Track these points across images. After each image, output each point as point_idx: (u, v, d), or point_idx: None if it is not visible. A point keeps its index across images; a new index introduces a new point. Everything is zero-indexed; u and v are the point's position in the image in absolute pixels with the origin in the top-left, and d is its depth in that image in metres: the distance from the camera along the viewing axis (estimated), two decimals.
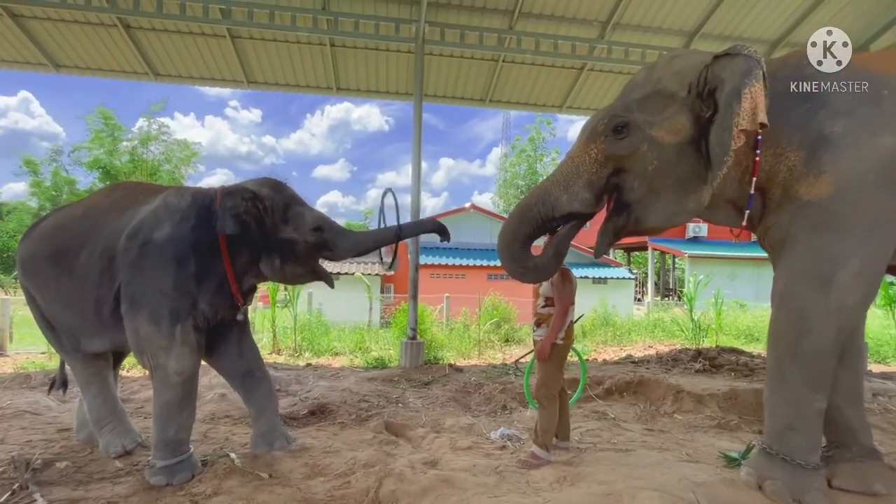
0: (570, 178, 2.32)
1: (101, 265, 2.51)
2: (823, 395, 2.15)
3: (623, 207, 2.31)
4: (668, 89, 2.18)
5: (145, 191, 2.77)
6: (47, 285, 2.65)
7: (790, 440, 2.17)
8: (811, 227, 2.07)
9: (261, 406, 2.87)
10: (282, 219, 2.62)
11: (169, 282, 2.42)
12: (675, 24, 7.02)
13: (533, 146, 33.91)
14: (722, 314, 9.00)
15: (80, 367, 2.85)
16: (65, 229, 2.62)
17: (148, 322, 2.41)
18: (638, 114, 2.20)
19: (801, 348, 2.10)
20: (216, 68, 7.31)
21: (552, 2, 6.56)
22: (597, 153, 2.28)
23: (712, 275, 12.15)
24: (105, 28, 6.53)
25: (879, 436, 3.44)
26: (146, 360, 2.48)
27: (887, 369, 6.52)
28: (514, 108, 8.85)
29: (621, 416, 4.07)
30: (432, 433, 3.44)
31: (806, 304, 2.08)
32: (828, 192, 2.02)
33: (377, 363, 6.37)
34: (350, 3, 6.37)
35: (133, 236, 2.47)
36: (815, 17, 6.85)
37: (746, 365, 5.88)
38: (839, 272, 2.01)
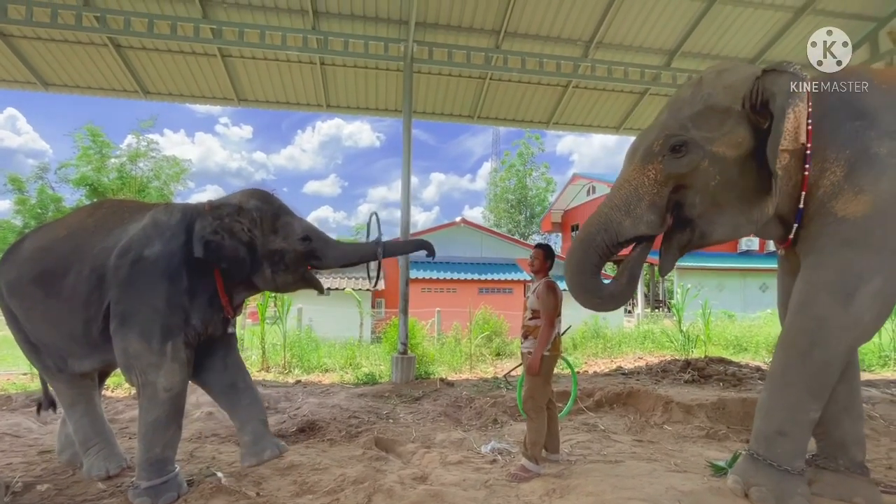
0: (631, 201, 2.28)
1: (89, 285, 2.48)
2: (820, 406, 2.19)
3: (686, 223, 2.31)
4: (721, 104, 2.19)
5: (130, 209, 2.76)
6: (34, 307, 2.60)
7: (778, 445, 2.21)
8: (842, 241, 2.11)
9: (245, 416, 2.78)
10: (271, 229, 2.63)
11: (161, 298, 2.41)
12: (656, 42, 7.26)
13: (522, 161, 34.36)
14: (710, 325, 9.10)
15: (64, 388, 2.80)
16: (50, 251, 2.58)
17: (138, 339, 2.39)
18: (694, 131, 2.19)
19: (811, 357, 2.13)
20: (207, 86, 7.37)
21: (537, 22, 6.76)
22: (655, 174, 2.26)
23: (700, 286, 12.32)
24: (95, 47, 6.57)
25: None
26: (134, 378, 2.45)
27: (871, 377, 6.63)
28: (501, 125, 9.03)
29: (611, 427, 4.08)
30: (423, 448, 3.42)
31: (825, 314, 2.11)
32: (864, 210, 2.07)
33: (368, 379, 6.32)
34: (340, 23, 6.50)
35: (123, 254, 2.45)
36: (788, 37, 7.14)
37: (734, 375, 5.95)
38: (862, 288, 2.05)
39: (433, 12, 6.47)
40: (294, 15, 6.37)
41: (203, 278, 2.54)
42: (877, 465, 3.09)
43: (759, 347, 9.05)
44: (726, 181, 2.19)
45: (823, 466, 2.44)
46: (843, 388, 2.38)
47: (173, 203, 2.78)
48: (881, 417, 4.23)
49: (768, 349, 8.83)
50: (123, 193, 25.23)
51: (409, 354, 6.23)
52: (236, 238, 2.54)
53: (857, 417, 2.48)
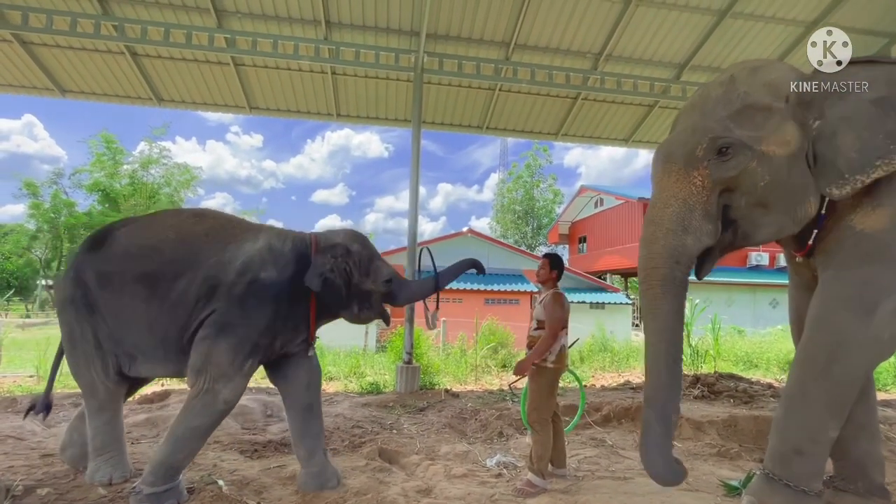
0: (685, 216, 2.13)
1: (199, 293, 2.54)
2: (839, 424, 2.12)
3: (727, 224, 2.22)
4: (761, 102, 2.11)
5: (240, 225, 2.87)
6: (131, 305, 2.57)
7: (795, 465, 2.13)
8: (861, 255, 2.07)
9: (312, 446, 2.82)
10: (366, 272, 2.83)
11: (264, 320, 2.56)
12: (666, 56, 7.27)
13: (530, 172, 34.42)
14: (719, 340, 8.95)
15: (103, 392, 2.71)
16: (161, 252, 2.60)
17: (228, 350, 2.47)
18: (739, 131, 2.09)
19: (831, 373, 2.07)
20: (219, 94, 7.48)
21: (547, 34, 6.80)
22: (702, 180, 2.13)
23: (709, 300, 12.14)
24: (112, 55, 6.71)
25: None
26: (201, 382, 2.46)
27: (887, 396, 6.45)
28: (510, 136, 9.05)
29: (619, 443, 3.99)
30: (427, 460, 3.37)
31: (844, 330, 2.06)
32: (883, 224, 2.04)
33: (372, 388, 6.26)
34: (351, 33, 6.59)
35: (243, 273, 2.58)
36: (799, 51, 7.10)
37: (745, 391, 5.82)
38: (882, 304, 2.01)
39: (444, 24, 6.54)
40: (307, 25, 6.47)
41: (297, 306, 2.69)
42: (894, 488, 2.98)
43: (771, 364, 8.87)
44: (775, 181, 2.10)
45: (842, 489, 2.36)
46: (860, 406, 2.31)
47: (284, 230, 2.89)
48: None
49: (780, 366, 8.65)
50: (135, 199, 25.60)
51: (413, 364, 6.17)
52: (342, 277, 2.74)
53: (875, 437, 2.40)
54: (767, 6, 6.55)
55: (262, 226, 2.92)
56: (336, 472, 2.86)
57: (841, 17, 6.63)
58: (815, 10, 6.59)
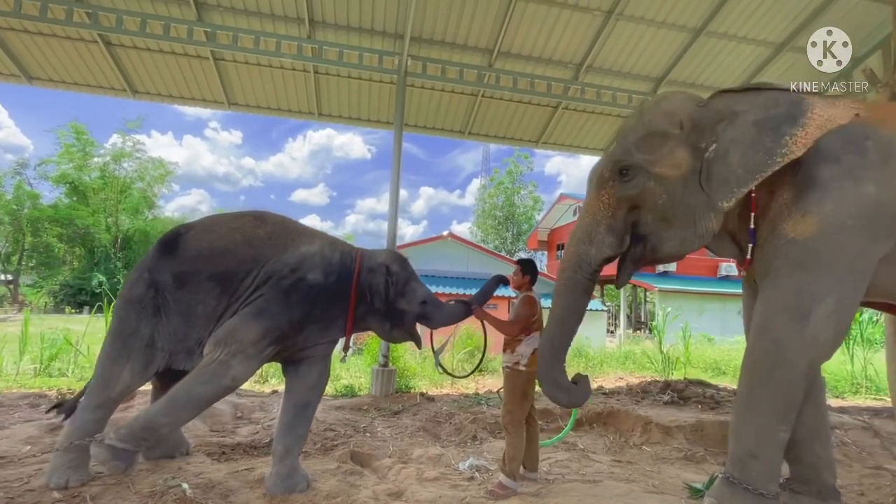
0: (592, 229, 2.48)
1: (257, 285, 2.75)
2: (788, 427, 2.21)
3: (639, 239, 2.48)
4: (660, 128, 2.38)
5: (296, 230, 3.07)
6: (203, 301, 2.75)
7: (752, 468, 2.21)
8: (794, 262, 2.17)
9: (291, 444, 2.84)
10: (401, 292, 2.97)
11: (299, 314, 2.73)
12: (644, 69, 7.48)
13: (511, 179, 34.81)
14: (690, 347, 9.20)
15: (117, 390, 2.74)
16: (232, 253, 2.82)
17: (257, 331, 2.61)
18: (638, 155, 2.37)
19: (775, 378, 2.16)
20: (197, 89, 7.32)
21: (530, 43, 6.92)
22: (608, 198, 2.45)
23: (681, 309, 12.48)
24: (84, 43, 6.49)
25: (837, 469, 3.52)
26: (217, 352, 2.56)
27: (844, 404, 6.75)
28: (492, 142, 9.12)
29: (591, 447, 4.05)
30: (399, 463, 3.35)
31: (783, 336, 2.16)
32: (811, 231, 2.14)
33: (346, 391, 6.19)
34: (335, 33, 6.55)
35: (295, 270, 2.79)
36: (769, 71, 7.42)
37: (713, 397, 5.98)
38: (816, 308, 2.10)
39: (429, 28, 6.57)
40: (290, 23, 6.40)
41: (331, 310, 2.86)
42: (849, 490, 3.12)
43: (737, 371, 9.09)
44: (672, 199, 2.35)
45: (798, 491, 2.45)
46: (810, 411, 2.42)
47: (337, 241, 3.12)
48: (853, 444, 4.29)
49: None
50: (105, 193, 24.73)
51: (389, 367, 6.13)
52: (380, 294, 2.91)
53: (826, 441, 2.52)
54: (739, 27, 6.82)
55: (317, 232, 3.14)
56: (306, 476, 2.83)
57: (807, 40, 6.95)
58: (783, 32, 6.90)
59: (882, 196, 2.11)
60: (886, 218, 2.11)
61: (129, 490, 2.60)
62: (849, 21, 6.70)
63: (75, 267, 26.80)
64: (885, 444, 4.28)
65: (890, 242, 2.13)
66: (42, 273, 25.42)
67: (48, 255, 25.55)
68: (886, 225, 2.12)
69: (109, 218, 25.91)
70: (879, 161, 2.14)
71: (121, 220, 26.30)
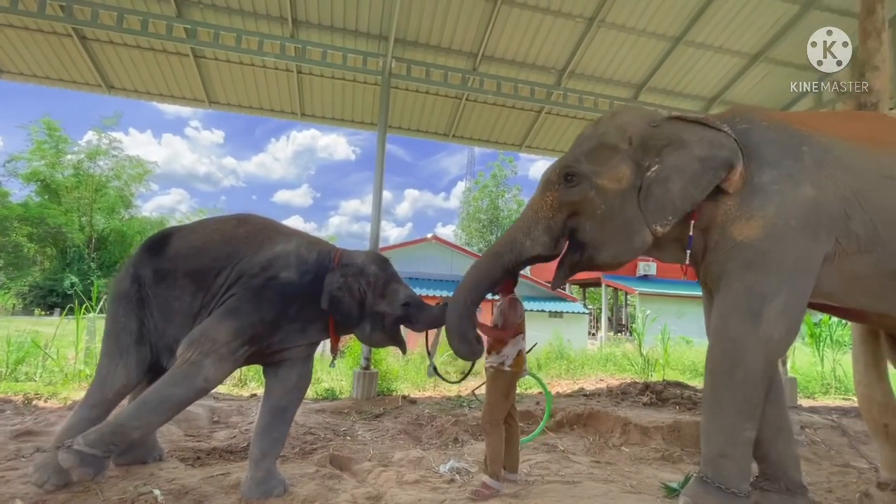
0: (531, 224, 2.56)
1: (229, 284, 2.73)
2: (753, 425, 2.27)
3: (578, 246, 2.55)
4: (610, 142, 2.46)
5: (277, 229, 3.05)
6: (181, 298, 2.76)
7: (723, 468, 2.26)
8: (743, 264, 2.25)
9: (268, 447, 2.79)
10: (381, 294, 2.91)
11: (271, 313, 2.68)
12: (625, 76, 7.63)
13: (495, 182, 35.01)
14: (669, 349, 9.38)
15: (113, 389, 2.74)
16: (208, 252, 2.82)
17: (229, 330, 2.57)
18: (585, 164, 2.46)
19: (734, 377, 2.23)
20: (176, 86, 7.16)
21: (514, 48, 6.98)
22: (552, 200, 2.53)
23: (661, 311, 12.74)
24: (57, 37, 6.29)
25: (806, 466, 3.64)
26: (189, 353, 2.52)
27: (815, 403, 6.96)
28: (476, 145, 9.17)
29: (571, 448, 4.09)
30: (379, 467, 3.32)
31: (738, 336, 2.23)
32: (757, 233, 2.22)
33: (327, 394, 6.12)
34: (319, 33, 6.50)
35: (266, 269, 2.76)
36: (744, 80, 7.66)
37: (690, 398, 6.11)
38: (766, 307, 2.18)
39: (413, 30, 6.58)
40: (273, 22, 6.33)
41: (307, 310, 2.79)
42: (818, 488, 3.22)
43: None
44: (610, 211, 2.43)
45: (767, 489, 2.52)
46: (772, 409, 2.50)
47: (315, 241, 3.08)
48: (822, 442, 4.43)
49: None
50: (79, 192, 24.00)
51: (371, 370, 6.09)
52: (353, 297, 2.82)
53: (789, 437, 2.60)
54: (716, 37, 7.02)
55: (296, 231, 3.10)
56: (283, 480, 2.78)
57: (779, 52, 7.21)
58: (757, 44, 7.13)
59: (820, 197, 2.21)
60: (826, 217, 2.21)
61: (98, 497, 2.51)
62: None
63: (46, 267, 25.89)
64: (852, 442, 4.44)
65: (831, 241, 2.22)
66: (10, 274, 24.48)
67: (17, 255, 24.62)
68: (826, 224, 2.21)
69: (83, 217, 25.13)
70: (814, 165, 2.26)
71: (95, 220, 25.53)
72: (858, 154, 2.26)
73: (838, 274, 2.26)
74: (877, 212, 2.18)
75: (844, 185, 2.22)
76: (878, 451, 3.33)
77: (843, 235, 2.21)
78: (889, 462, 3.21)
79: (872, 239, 2.19)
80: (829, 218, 2.21)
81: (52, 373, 6.22)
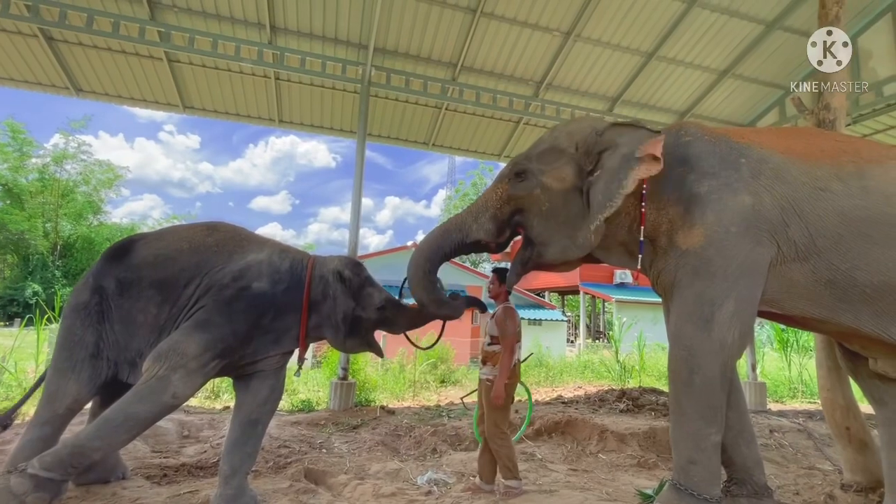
0: (481, 210, 2.74)
1: (199, 295, 2.64)
2: (718, 429, 2.32)
3: (529, 243, 2.69)
4: (560, 145, 2.63)
5: (249, 238, 2.97)
6: (146, 309, 2.65)
7: (694, 474, 2.30)
8: (691, 272, 2.33)
9: (238, 463, 2.70)
10: (355, 298, 2.87)
11: (244, 325, 2.60)
12: (601, 89, 7.82)
13: (476, 191, 35.18)
14: (644, 355, 9.55)
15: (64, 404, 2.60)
16: (175, 261, 2.71)
17: (199, 344, 2.47)
18: (535, 163, 2.64)
19: (694, 384, 2.28)
20: (149, 90, 6.99)
21: (492, 59, 7.08)
22: (501, 192, 2.71)
23: (637, 318, 12.95)
24: (22, 37, 6.07)
25: (775, 469, 3.74)
26: (156, 368, 2.41)
27: (783, 407, 7.19)
28: (455, 154, 9.22)
29: (548, 456, 4.10)
30: (355, 480, 3.25)
31: (693, 343, 2.29)
32: (700, 241, 2.31)
33: (303, 406, 5.99)
34: (298, 40, 6.46)
35: (237, 279, 2.68)
36: (714, 94, 7.96)
37: (665, 405, 6.22)
38: (717, 313, 2.25)
39: (393, 39, 6.61)
40: (250, 27, 6.26)
41: (281, 320, 2.73)
42: (785, 490, 3.31)
43: None
44: (554, 208, 2.58)
45: (735, 493, 2.58)
46: (732, 414, 2.58)
47: (287, 248, 3.00)
48: (790, 445, 4.57)
49: None
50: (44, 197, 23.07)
51: (349, 380, 5.99)
52: (328, 303, 2.80)
53: (751, 440, 2.68)
54: (686, 53, 7.28)
55: (268, 240, 3.03)
56: (254, 496, 2.70)
57: (746, 68, 7.52)
58: (725, 60, 7.42)
59: (757, 205, 2.31)
60: (765, 223, 2.30)
61: None
62: (780, 54, 7.31)
63: (7, 276, 24.69)
64: (817, 445, 4.59)
65: (773, 247, 2.31)
66: None
67: None
68: (766, 230, 2.30)
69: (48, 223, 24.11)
70: (752, 176, 2.37)
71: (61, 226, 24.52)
72: (794, 166, 2.37)
73: (779, 281, 2.34)
74: (812, 222, 2.28)
75: (781, 195, 2.32)
76: (841, 453, 3.46)
77: (784, 241, 2.30)
78: (851, 464, 3.34)
79: (808, 248, 2.28)
80: (769, 223, 2.30)
81: (10, 387, 5.88)
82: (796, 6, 6.55)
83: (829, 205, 2.27)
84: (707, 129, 2.61)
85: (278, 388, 2.94)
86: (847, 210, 2.25)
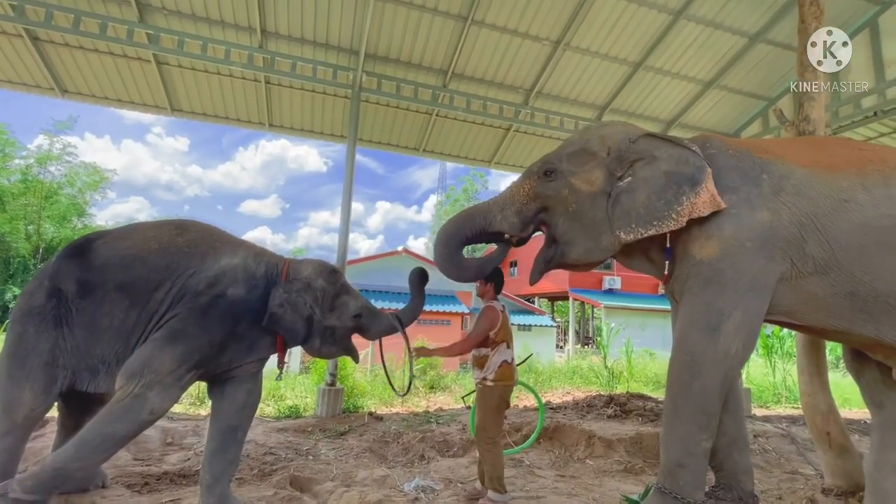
0: (507, 203, 2.75)
1: (171, 301, 2.53)
2: (710, 436, 2.35)
3: (552, 241, 2.72)
4: (591, 149, 2.65)
5: (221, 238, 2.85)
6: (111, 314, 2.51)
7: (680, 477, 2.32)
8: (703, 281, 2.36)
9: (220, 471, 2.65)
10: (330, 307, 2.84)
11: (219, 334, 2.53)
12: (589, 98, 7.93)
13: (466, 196, 35.33)
14: (633, 362, 9.61)
15: (23, 413, 2.48)
16: (143, 262, 2.58)
17: (174, 358, 2.39)
18: (566, 164, 2.66)
19: (693, 389, 2.31)
20: (137, 92, 6.92)
21: (483, 66, 7.15)
22: (529, 188, 2.72)
23: (625, 324, 13.08)
24: (7, 37, 5.98)
25: (759, 474, 3.78)
26: (131, 386, 2.32)
27: (768, 412, 7.28)
28: (446, 160, 9.25)
29: (536, 462, 4.10)
30: (342, 487, 3.22)
31: (697, 349, 2.32)
32: (715, 253, 2.35)
33: (291, 412, 5.92)
34: (288, 44, 6.46)
35: (213, 285, 2.58)
36: (699, 105, 8.12)
37: (652, 410, 6.27)
38: (724, 323, 2.28)
39: (384, 45, 6.64)
40: (241, 31, 6.25)
41: (257, 328, 2.66)
42: (769, 495, 3.35)
43: None
44: (580, 210, 2.61)
45: (721, 498, 2.60)
46: (729, 420, 2.61)
47: (263, 252, 2.91)
48: (773, 450, 4.63)
49: None
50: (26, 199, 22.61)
51: (337, 386, 5.94)
52: (298, 313, 2.71)
53: (745, 448, 2.71)
54: (673, 63, 7.43)
55: (242, 242, 2.92)
56: None
57: (730, 80, 7.70)
58: (710, 71, 7.59)
59: (775, 221, 2.35)
60: (780, 241, 2.34)
61: None
62: (763, 66, 7.49)
63: None
64: (800, 449, 4.66)
65: (785, 263, 2.35)
66: None
67: None
68: (780, 247, 2.34)
69: (30, 226, 23.59)
70: (772, 192, 2.40)
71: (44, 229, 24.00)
72: (817, 180, 2.39)
73: (796, 293, 2.37)
74: (833, 236, 2.30)
75: (800, 212, 2.34)
76: (822, 457, 3.52)
77: (799, 258, 2.33)
78: (832, 468, 3.40)
79: (828, 261, 2.30)
80: (784, 241, 2.33)
81: None
82: (778, 20, 6.73)
83: (853, 216, 2.29)
84: (730, 142, 2.64)
85: (256, 392, 2.86)
86: (871, 220, 2.27)
